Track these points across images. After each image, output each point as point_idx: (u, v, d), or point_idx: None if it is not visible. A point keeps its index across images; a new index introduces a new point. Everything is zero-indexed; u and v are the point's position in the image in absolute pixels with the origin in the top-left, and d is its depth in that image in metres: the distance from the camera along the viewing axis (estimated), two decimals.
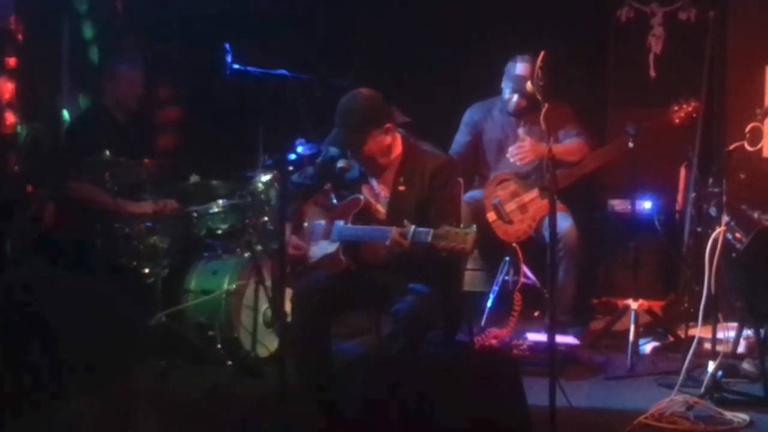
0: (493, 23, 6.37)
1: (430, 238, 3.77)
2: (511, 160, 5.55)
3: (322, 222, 4.31)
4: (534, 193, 5.49)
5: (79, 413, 1.36)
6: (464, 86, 6.21)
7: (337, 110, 4.20)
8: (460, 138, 5.78)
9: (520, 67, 5.53)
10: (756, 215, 4.71)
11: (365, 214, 4.21)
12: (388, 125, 4.16)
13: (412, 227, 3.85)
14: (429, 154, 4.24)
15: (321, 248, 4.28)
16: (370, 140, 4.13)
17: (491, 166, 5.75)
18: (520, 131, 5.66)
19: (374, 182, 4.27)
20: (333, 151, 4.36)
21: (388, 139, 4.17)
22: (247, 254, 5.18)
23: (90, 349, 1.38)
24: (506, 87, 5.64)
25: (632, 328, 5.11)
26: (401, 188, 4.18)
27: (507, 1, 6.38)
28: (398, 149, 4.22)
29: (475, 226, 3.79)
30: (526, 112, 5.60)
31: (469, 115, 5.81)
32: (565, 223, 5.36)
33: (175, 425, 3.81)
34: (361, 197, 4.22)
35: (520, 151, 5.51)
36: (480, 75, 6.10)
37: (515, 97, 5.58)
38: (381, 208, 4.24)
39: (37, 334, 1.36)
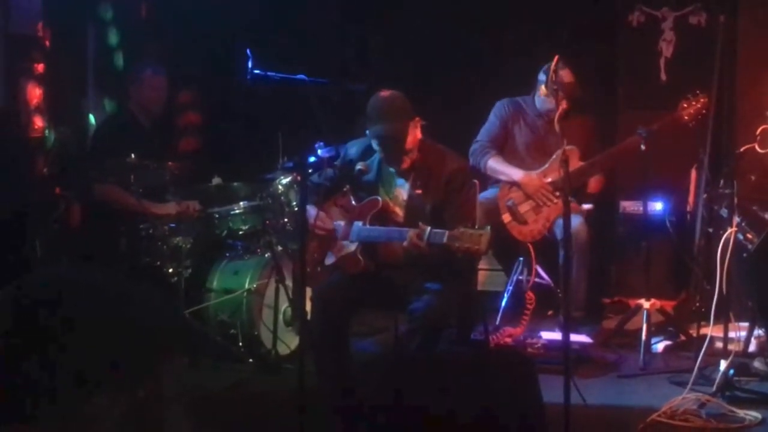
0: (505, 28, 6.41)
1: (445, 239, 3.84)
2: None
3: (342, 223, 4.39)
4: None
5: (104, 410, 1.43)
6: (476, 90, 6.24)
7: (374, 108, 4.24)
8: (491, 128, 5.67)
9: (566, 75, 5.38)
10: (766, 216, 4.75)
11: (383, 216, 4.28)
12: (417, 118, 4.25)
13: (428, 229, 3.92)
14: (445, 157, 4.30)
15: (340, 248, 4.36)
16: (409, 132, 4.21)
17: (516, 166, 5.67)
18: (551, 136, 5.56)
19: (392, 184, 4.34)
20: (352, 153, 4.43)
21: (417, 133, 4.25)
22: (267, 254, 5.23)
23: (117, 346, 1.45)
24: (542, 93, 5.54)
25: (644, 327, 5.14)
26: (418, 191, 4.25)
27: (519, 6, 6.42)
28: (416, 151, 4.29)
29: (489, 227, 3.86)
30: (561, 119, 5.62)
31: (501, 110, 5.70)
32: (575, 220, 5.34)
33: (197, 422, 3.86)
34: (379, 199, 4.29)
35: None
36: (492, 78, 6.15)
37: (564, 103, 5.27)
38: (399, 210, 4.31)
39: (62, 333, 1.43)
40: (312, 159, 4.43)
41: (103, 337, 1.50)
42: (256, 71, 4.79)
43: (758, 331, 4.94)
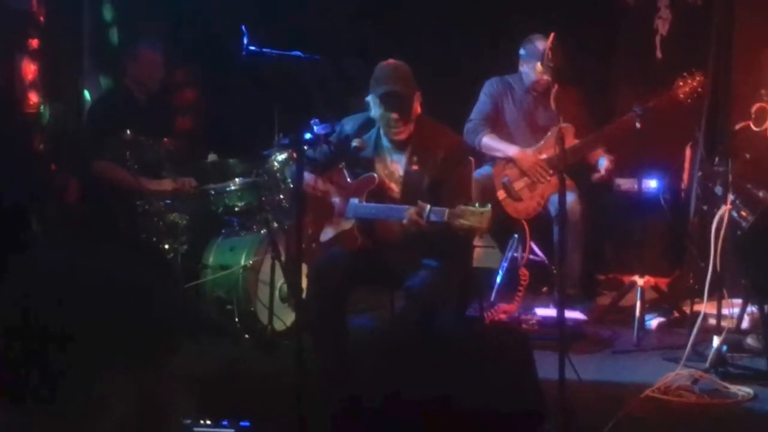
0: (502, 6, 6.40)
1: (446, 217, 3.83)
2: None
3: (337, 199, 4.39)
4: None
5: (109, 398, 1.43)
6: (473, 68, 6.22)
7: (381, 71, 4.23)
8: (482, 107, 5.72)
9: (542, 44, 5.38)
10: (761, 194, 4.74)
11: (379, 192, 4.28)
12: (419, 92, 4.24)
13: (428, 206, 3.90)
14: (442, 133, 4.31)
15: (336, 225, 4.37)
16: (415, 101, 4.21)
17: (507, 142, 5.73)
18: (540, 111, 5.68)
19: (388, 160, 4.34)
20: (347, 129, 4.41)
21: (418, 107, 4.24)
22: (263, 231, 5.24)
23: (123, 334, 1.45)
24: (530, 66, 5.58)
25: (638, 303, 5.15)
26: (414, 167, 4.25)
27: None
28: (414, 126, 4.27)
29: (489, 205, 3.84)
30: (547, 91, 5.68)
31: (490, 87, 5.76)
32: (569, 197, 5.38)
33: (192, 398, 3.86)
34: (375, 175, 4.28)
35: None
36: (488, 57, 6.14)
37: (545, 75, 5.41)
38: (395, 186, 4.30)
39: (65, 320, 1.43)
40: (308, 136, 4.42)
41: (108, 325, 1.50)
42: (252, 48, 4.78)
43: (751, 308, 4.96)
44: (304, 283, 4.36)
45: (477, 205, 3.83)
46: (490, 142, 5.62)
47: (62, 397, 1.43)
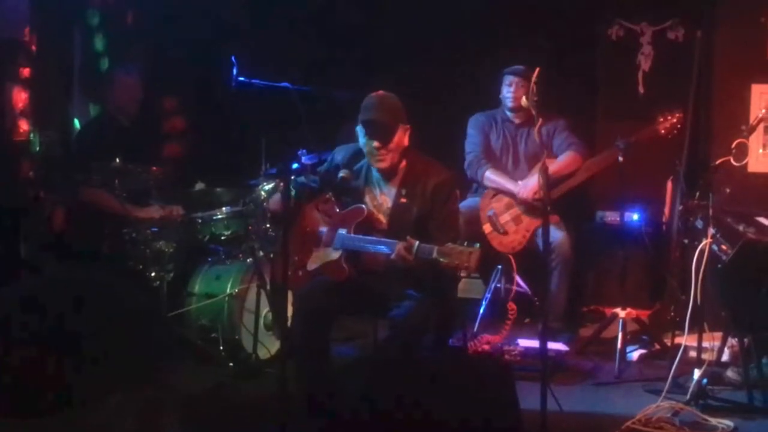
0: (488, 41, 6.48)
1: (435, 255, 3.86)
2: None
3: (324, 229, 4.42)
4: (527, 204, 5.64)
5: (117, 409, 1.46)
6: (458, 101, 6.29)
7: (369, 101, 4.27)
8: (475, 140, 5.84)
9: (513, 67, 5.72)
10: (741, 228, 4.79)
11: (367, 224, 4.29)
12: (408, 126, 4.29)
13: (417, 243, 3.92)
14: (431, 167, 4.32)
15: (323, 254, 4.39)
16: (398, 133, 4.24)
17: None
18: (522, 141, 5.80)
19: (377, 192, 4.36)
20: (338, 159, 4.44)
21: (405, 140, 4.28)
22: (249, 259, 5.27)
23: (130, 347, 1.48)
24: (506, 87, 5.75)
25: (620, 335, 5.20)
26: (403, 200, 4.27)
27: (503, 20, 6.50)
28: (403, 160, 4.32)
29: (478, 244, 3.87)
30: (526, 124, 5.77)
31: (475, 121, 5.89)
32: (558, 233, 5.47)
33: (177, 425, 3.90)
34: (364, 208, 4.30)
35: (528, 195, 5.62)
36: (474, 90, 6.21)
37: (517, 85, 5.67)
38: (383, 218, 4.32)
39: (79, 333, 1.46)
40: (295, 166, 4.46)
41: (118, 339, 1.55)
42: (241, 78, 4.83)
43: (731, 341, 5.01)
44: (290, 311, 4.37)
45: (465, 243, 3.85)
46: (492, 175, 5.73)
47: (78, 400, 1.47)
